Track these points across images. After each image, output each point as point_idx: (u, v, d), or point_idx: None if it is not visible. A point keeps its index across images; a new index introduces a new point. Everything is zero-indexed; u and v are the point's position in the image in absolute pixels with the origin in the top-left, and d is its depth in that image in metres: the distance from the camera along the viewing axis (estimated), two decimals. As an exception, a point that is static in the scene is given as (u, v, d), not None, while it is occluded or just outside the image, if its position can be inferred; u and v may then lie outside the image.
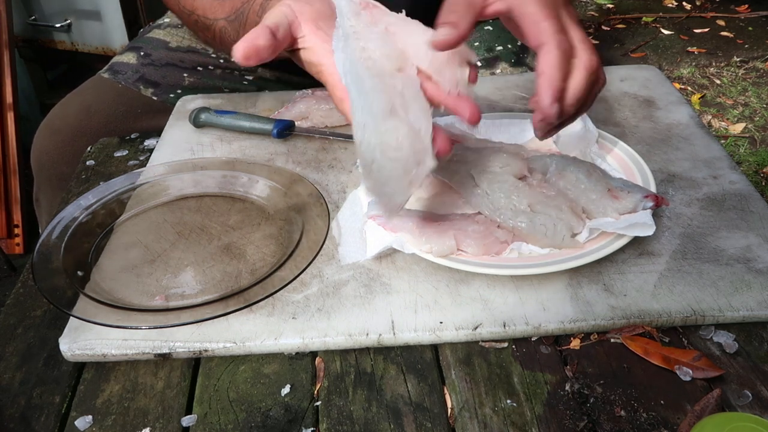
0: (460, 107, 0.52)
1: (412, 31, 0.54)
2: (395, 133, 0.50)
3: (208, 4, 0.75)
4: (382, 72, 0.51)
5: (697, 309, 0.55)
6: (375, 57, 0.52)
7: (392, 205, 0.53)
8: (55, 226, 0.66)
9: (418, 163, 0.51)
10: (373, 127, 0.50)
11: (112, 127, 0.94)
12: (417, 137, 0.50)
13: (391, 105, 0.50)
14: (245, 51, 0.52)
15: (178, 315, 0.56)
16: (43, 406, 0.53)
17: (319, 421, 0.50)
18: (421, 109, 0.51)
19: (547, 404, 0.50)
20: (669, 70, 2.58)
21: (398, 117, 0.50)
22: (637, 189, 0.63)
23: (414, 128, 0.50)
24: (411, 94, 0.51)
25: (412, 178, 0.51)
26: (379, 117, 0.50)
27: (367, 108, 0.50)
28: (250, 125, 0.82)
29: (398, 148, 0.50)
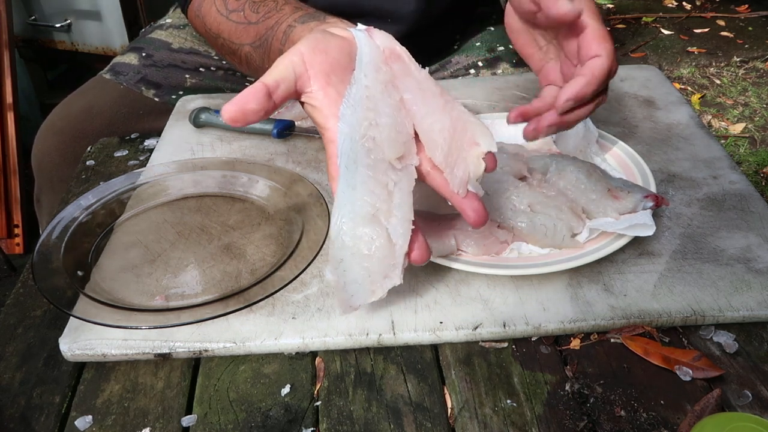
0: (465, 208, 0.51)
1: (429, 110, 0.51)
2: (370, 243, 0.50)
3: (234, 29, 0.74)
4: (379, 163, 0.50)
5: (697, 309, 0.55)
6: (379, 139, 0.50)
7: (350, 303, 0.52)
8: (55, 226, 0.66)
9: (385, 276, 0.51)
10: (350, 229, 0.50)
11: (113, 128, 0.94)
12: (391, 251, 0.50)
13: (374, 210, 0.50)
14: (233, 114, 0.49)
15: (178, 315, 0.56)
16: (43, 406, 0.53)
17: (319, 421, 0.50)
18: (405, 221, 0.51)
19: (547, 404, 0.50)
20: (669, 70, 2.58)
21: (378, 225, 0.50)
22: (637, 189, 0.63)
23: (391, 241, 0.50)
24: (399, 201, 0.51)
25: (376, 288, 0.51)
26: (359, 220, 0.50)
27: (351, 205, 0.50)
28: (250, 125, 0.82)
29: (369, 257, 0.50)
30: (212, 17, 0.78)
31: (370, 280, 0.51)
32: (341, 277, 0.51)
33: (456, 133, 0.51)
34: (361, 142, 0.50)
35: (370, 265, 0.50)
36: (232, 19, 0.75)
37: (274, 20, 0.69)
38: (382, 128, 0.50)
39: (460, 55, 1.04)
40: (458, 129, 0.51)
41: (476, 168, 0.51)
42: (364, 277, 0.50)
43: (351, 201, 0.50)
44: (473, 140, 0.51)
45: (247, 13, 0.73)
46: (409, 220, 0.51)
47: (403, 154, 0.51)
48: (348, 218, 0.50)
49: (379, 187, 0.50)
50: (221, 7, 0.76)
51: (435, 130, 0.51)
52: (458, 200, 0.51)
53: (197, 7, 0.81)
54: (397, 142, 0.50)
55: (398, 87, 0.52)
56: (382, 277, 0.51)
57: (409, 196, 0.51)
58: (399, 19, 0.92)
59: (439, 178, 0.52)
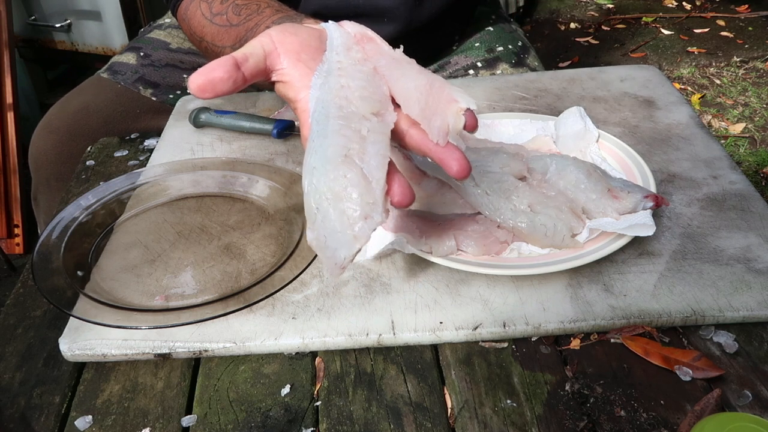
0: (446, 159, 0.48)
1: (404, 73, 0.50)
2: (344, 181, 0.46)
3: (216, 32, 0.75)
4: (352, 114, 0.48)
5: (697, 309, 0.55)
6: (352, 97, 0.48)
7: (335, 260, 0.47)
8: (55, 226, 0.66)
9: (365, 216, 0.46)
10: (322, 172, 0.46)
11: (110, 127, 0.94)
12: (368, 188, 0.46)
13: (347, 150, 0.47)
14: (201, 83, 0.48)
15: (178, 315, 0.56)
16: (43, 406, 0.53)
17: (319, 421, 0.50)
18: (379, 156, 0.47)
19: (547, 404, 0.50)
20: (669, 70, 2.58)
21: (352, 164, 0.46)
22: (637, 189, 0.63)
23: (366, 178, 0.46)
24: (373, 140, 0.47)
25: (357, 232, 0.46)
26: (331, 163, 0.46)
27: (322, 151, 0.47)
28: (250, 125, 0.82)
29: (345, 197, 0.46)
30: (197, 20, 0.78)
31: (349, 223, 0.46)
32: (320, 231, 0.47)
33: (433, 89, 0.49)
34: (334, 101, 0.48)
35: (346, 206, 0.46)
36: (215, 23, 0.75)
37: (254, 22, 0.69)
38: (354, 89, 0.49)
39: (459, 56, 1.04)
40: (435, 86, 0.50)
41: (456, 121, 0.49)
42: (343, 223, 0.46)
43: (322, 148, 0.47)
44: (451, 97, 0.49)
45: (230, 16, 0.73)
46: (384, 155, 0.47)
47: (378, 110, 0.49)
48: (319, 164, 0.47)
49: (351, 131, 0.47)
50: (206, 11, 0.77)
51: (410, 87, 0.49)
52: (439, 151, 0.48)
53: (184, 11, 0.81)
54: (372, 99, 0.49)
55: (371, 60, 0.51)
56: (363, 218, 0.46)
57: (384, 137, 0.48)
58: (394, 18, 0.92)
59: (418, 134, 0.49)
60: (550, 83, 0.90)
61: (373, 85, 0.50)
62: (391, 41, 0.54)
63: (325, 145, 0.47)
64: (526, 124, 0.77)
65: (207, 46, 0.77)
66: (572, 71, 0.93)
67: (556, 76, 0.92)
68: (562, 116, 0.75)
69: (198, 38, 0.79)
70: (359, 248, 0.46)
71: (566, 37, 2.93)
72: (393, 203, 0.48)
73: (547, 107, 0.84)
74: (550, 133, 0.75)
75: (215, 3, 0.76)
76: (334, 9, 0.93)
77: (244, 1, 0.73)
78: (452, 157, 0.48)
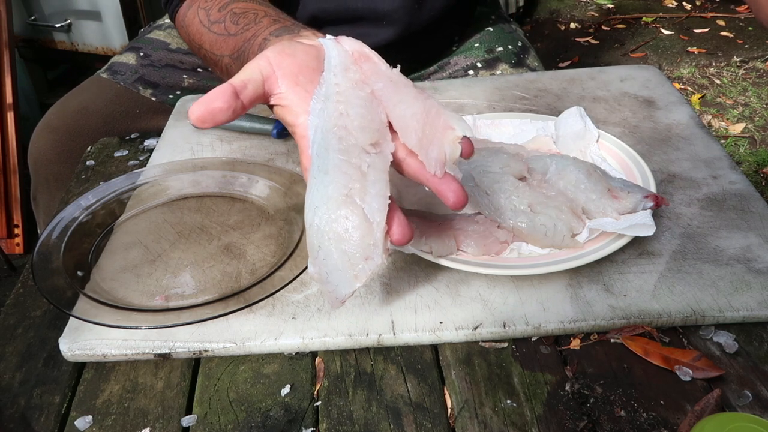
0: (443, 191, 0.49)
1: (401, 99, 0.51)
2: (345, 223, 0.47)
3: (214, 40, 0.74)
4: (352, 148, 0.49)
5: (697, 309, 0.55)
6: (351, 127, 0.49)
7: (336, 295, 0.49)
8: (55, 226, 0.66)
9: (366, 258, 0.48)
10: (324, 212, 0.48)
11: (109, 127, 0.94)
12: (369, 230, 0.48)
13: (348, 190, 0.48)
14: (200, 115, 0.48)
15: (178, 315, 0.56)
16: (43, 406, 0.53)
17: (319, 421, 0.50)
18: (380, 196, 0.48)
19: (547, 404, 0.50)
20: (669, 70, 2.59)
21: (353, 205, 0.48)
22: (637, 189, 0.63)
23: (367, 220, 0.48)
24: (374, 178, 0.49)
25: (358, 272, 0.48)
26: (333, 202, 0.48)
27: (324, 189, 0.48)
28: (250, 125, 0.82)
29: (347, 239, 0.47)
30: (195, 27, 0.78)
31: (351, 264, 0.48)
32: (322, 268, 0.48)
33: (429, 117, 0.50)
34: (333, 130, 0.49)
35: (348, 247, 0.48)
36: (213, 31, 0.75)
37: (251, 33, 0.69)
38: (353, 117, 0.49)
39: (459, 56, 1.04)
40: (431, 114, 0.50)
41: (452, 150, 0.49)
42: (344, 263, 0.48)
43: (323, 185, 0.48)
44: (447, 125, 0.50)
45: (227, 25, 0.73)
46: (384, 195, 0.48)
47: (377, 140, 0.50)
48: (321, 202, 0.48)
49: (352, 168, 0.48)
50: (204, 18, 0.76)
51: (407, 115, 0.50)
52: (436, 182, 0.50)
53: (182, 18, 0.81)
54: (370, 129, 0.49)
55: (369, 83, 0.52)
56: (363, 259, 0.48)
57: (384, 174, 0.49)
58: (393, 21, 0.92)
59: (415, 163, 0.50)
60: (550, 83, 0.90)
61: (371, 112, 0.50)
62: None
63: (326, 181, 0.48)
64: (526, 124, 0.77)
65: (206, 53, 0.77)
66: (572, 71, 0.93)
67: (556, 76, 0.92)
68: (562, 116, 0.75)
69: (197, 45, 0.79)
70: (359, 287, 0.48)
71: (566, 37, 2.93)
72: (392, 242, 0.49)
73: (547, 107, 0.84)
74: (550, 133, 0.75)
75: (213, 10, 0.76)
76: (332, 13, 0.93)
77: (242, 9, 0.73)
78: (449, 189, 0.49)
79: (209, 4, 0.76)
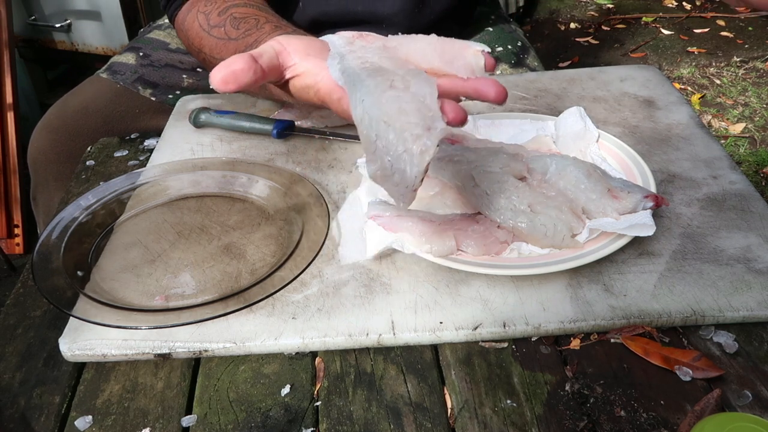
0: (481, 86, 0.48)
1: (413, 39, 0.53)
2: (397, 102, 0.45)
3: (215, 44, 0.75)
4: (381, 68, 0.50)
5: (697, 309, 0.55)
6: (374, 61, 0.50)
7: (406, 183, 0.45)
8: (55, 226, 0.66)
9: (428, 128, 0.45)
10: (372, 101, 0.46)
11: (109, 127, 0.94)
12: (422, 103, 0.46)
13: (390, 82, 0.47)
14: (223, 76, 0.49)
15: (178, 315, 0.56)
16: (43, 406, 0.53)
17: (319, 421, 0.50)
18: (424, 80, 0.47)
19: (547, 404, 0.50)
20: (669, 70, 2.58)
21: (399, 88, 0.46)
22: (637, 189, 0.63)
23: (418, 95, 0.46)
24: (411, 74, 0.48)
25: (424, 145, 0.44)
26: (378, 89, 0.46)
27: (365, 89, 0.47)
28: (250, 125, 0.82)
29: (403, 112, 0.45)
30: (195, 31, 0.78)
31: (414, 137, 0.44)
32: (384, 158, 0.45)
33: (445, 43, 0.51)
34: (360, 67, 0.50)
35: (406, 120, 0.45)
36: (213, 35, 0.75)
37: (253, 38, 0.69)
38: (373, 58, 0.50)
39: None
40: (446, 41, 0.52)
41: (476, 60, 0.50)
42: (406, 140, 0.45)
43: (364, 85, 0.47)
44: (463, 44, 0.51)
45: (228, 29, 0.73)
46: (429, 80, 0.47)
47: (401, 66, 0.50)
48: (367, 95, 0.46)
49: (388, 72, 0.48)
50: (203, 23, 0.76)
51: (423, 45, 0.51)
52: (472, 82, 0.49)
53: (181, 21, 0.81)
54: (394, 59, 0.50)
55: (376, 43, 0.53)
56: (426, 129, 0.45)
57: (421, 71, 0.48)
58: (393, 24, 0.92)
59: (445, 80, 0.50)
60: (550, 83, 0.90)
61: (389, 52, 0.52)
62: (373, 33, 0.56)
63: (366, 83, 0.47)
64: (526, 124, 0.77)
65: (205, 57, 0.77)
66: (572, 71, 0.93)
67: (556, 76, 0.92)
68: (562, 116, 0.75)
69: (196, 49, 0.79)
70: (428, 162, 0.45)
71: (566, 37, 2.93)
72: (448, 121, 0.47)
73: (547, 107, 0.84)
74: (550, 133, 0.75)
75: (213, 14, 0.76)
76: (333, 16, 0.93)
77: (243, 15, 0.73)
78: (487, 84, 0.49)
79: (209, 8, 0.76)
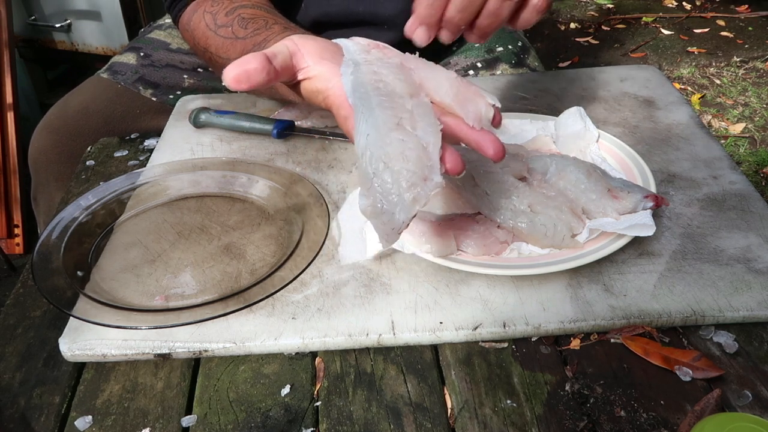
0: (483, 142, 0.50)
1: (430, 67, 0.52)
2: (401, 145, 0.46)
3: (221, 43, 0.74)
4: (392, 93, 0.49)
5: (697, 309, 0.55)
6: (387, 80, 0.50)
7: (393, 225, 0.46)
8: (55, 226, 0.66)
9: (425, 179, 0.46)
10: (376, 138, 0.46)
11: (110, 128, 0.94)
12: (424, 152, 0.47)
13: (397, 120, 0.47)
14: (236, 75, 0.49)
15: (178, 315, 0.56)
16: (43, 406, 0.53)
17: (319, 421, 0.50)
18: (430, 125, 0.48)
19: (547, 404, 0.50)
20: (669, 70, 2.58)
21: (404, 130, 0.47)
22: (637, 189, 0.63)
23: (422, 142, 0.47)
24: (420, 113, 0.48)
25: (417, 194, 0.46)
26: (384, 127, 0.47)
27: (372, 121, 0.47)
28: (250, 125, 0.82)
29: (404, 159, 0.46)
30: (201, 31, 0.77)
31: (408, 186, 0.46)
32: (376, 197, 0.46)
33: (461, 83, 0.51)
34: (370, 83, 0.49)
35: (405, 166, 0.46)
36: (220, 34, 0.75)
37: (262, 37, 0.69)
38: (387, 75, 0.50)
39: (459, 57, 1.04)
40: (462, 81, 0.52)
41: (486, 110, 0.50)
42: (401, 186, 0.46)
43: (372, 117, 0.47)
44: (478, 93, 0.51)
45: (235, 29, 0.73)
46: (435, 125, 0.48)
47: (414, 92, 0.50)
48: (372, 129, 0.46)
49: (398, 105, 0.48)
50: (210, 22, 0.76)
51: (441, 78, 0.51)
52: (475, 134, 0.50)
53: (187, 21, 0.81)
54: (407, 82, 0.50)
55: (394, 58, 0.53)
56: (422, 179, 0.46)
57: (430, 111, 0.49)
58: (394, 26, 0.92)
59: (452, 120, 0.50)
60: (550, 83, 0.90)
61: (403, 72, 0.51)
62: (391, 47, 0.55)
63: (374, 115, 0.47)
64: (526, 124, 0.77)
65: (211, 56, 0.77)
66: (572, 71, 0.93)
67: (556, 76, 0.92)
68: (562, 116, 0.75)
69: (202, 48, 0.79)
70: (417, 212, 0.46)
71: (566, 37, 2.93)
72: (446, 170, 0.48)
73: (547, 107, 0.84)
74: (550, 133, 0.75)
75: (220, 15, 0.76)
76: (335, 17, 0.93)
77: (251, 15, 0.73)
78: (488, 140, 0.50)
79: (216, 8, 0.76)
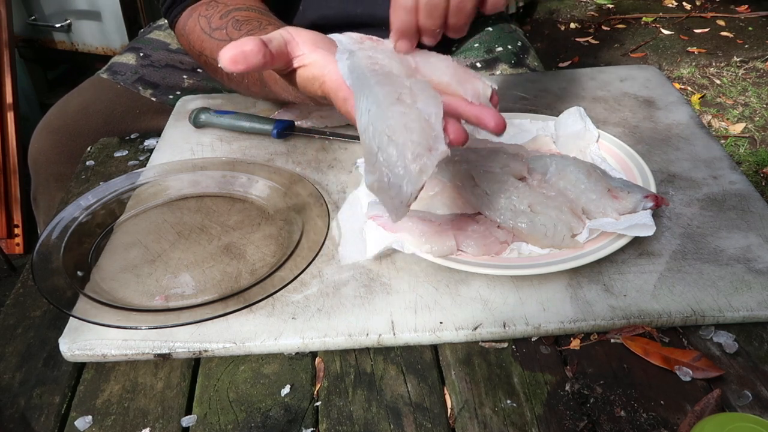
0: (483, 116, 0.50)
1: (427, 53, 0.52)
2: (403, 118, 0.46)
3: (216, 46, 0.74)
4: (390, 73, 0.49)
5: (697, 309, 0.55)
6: (383, 63, 0.50)
7: (401, 198, 0.46)
8: (55, 226, 0.66)
9: (429, 149, 0.45)
10: (378, 113, 0.46)
11: (110, 128, 0.94)
12: (427, 123, 0.46)
13: (397, 95, 0.47)
14: (232, 55, 0.48)
15: (178, 315, 0.56)
16: (43, 406, 0.53)
17: (319, 421, 0.50)
18: (431, 97, 0.47)
19: (547, 404, 0.50)
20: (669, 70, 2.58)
21: (405, 104, 0.47)
22: (637, 189, 0.63)
23: (423, 114, 0.46)
24: (419, 87, 0.48)
25: (423, 165, 0.45)
26: (385, 101, 0.46)
27: (372, 97, 0.47)
28: (250, 125, 0.82)
29: (407, 130, 0.45)
30: (196, 35, 0.78)
31: (414, 155, 0.45)
32: (382, 172, 0.46)
33: (458, 67, 0.51)
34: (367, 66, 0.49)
35: (409, 137, 0.45)
36: (214, 37, 0.75)
37: None
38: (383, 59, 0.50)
39: (459, 57, 1.04)
40: (459, 65, 0.52)
41: (484, 90, 0.50)
42: (407, 155, 0.45)
43: (372, 94, 0.47)
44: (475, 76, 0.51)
45: (230, 31, 0.73)
46: (436, 96, 0.48)
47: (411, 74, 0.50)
48: (373, 106, 0.46)
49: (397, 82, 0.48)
50: (205, 26, 0.76)
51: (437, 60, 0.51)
52: (474, 108, 0.50)
53: (182, 26, 0.81)
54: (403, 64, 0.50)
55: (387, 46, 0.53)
56: (427, 150, 0.45)
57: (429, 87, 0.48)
58: None
59: (451, 98, 0.50)
60: (550, 83, 0.90)
61: (398, 56, 0.51)
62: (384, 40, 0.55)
63: (374, 92, 0.47)
64: (526, 124, 0.77)
65: (206, 59, 0.77)
66: (572, 71, 0.93)
67: (556, 76, 0.92)
68: (562, 116, 0.75)
69: (197, 52, 0.79)
70: (424, 182, 0.46)
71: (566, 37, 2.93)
72: (450, 141, 0.47)
73: (547, 107, 0.84)
74: (550, 133, 0.75)
75: (214, 18, 0.76)
76: (333, 19, 0.93)
77: (245, 18, 0.73)
78: (488, 114, 0.50)
79: (210, 12, 0.77)
